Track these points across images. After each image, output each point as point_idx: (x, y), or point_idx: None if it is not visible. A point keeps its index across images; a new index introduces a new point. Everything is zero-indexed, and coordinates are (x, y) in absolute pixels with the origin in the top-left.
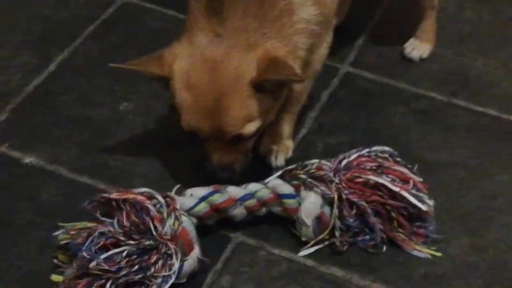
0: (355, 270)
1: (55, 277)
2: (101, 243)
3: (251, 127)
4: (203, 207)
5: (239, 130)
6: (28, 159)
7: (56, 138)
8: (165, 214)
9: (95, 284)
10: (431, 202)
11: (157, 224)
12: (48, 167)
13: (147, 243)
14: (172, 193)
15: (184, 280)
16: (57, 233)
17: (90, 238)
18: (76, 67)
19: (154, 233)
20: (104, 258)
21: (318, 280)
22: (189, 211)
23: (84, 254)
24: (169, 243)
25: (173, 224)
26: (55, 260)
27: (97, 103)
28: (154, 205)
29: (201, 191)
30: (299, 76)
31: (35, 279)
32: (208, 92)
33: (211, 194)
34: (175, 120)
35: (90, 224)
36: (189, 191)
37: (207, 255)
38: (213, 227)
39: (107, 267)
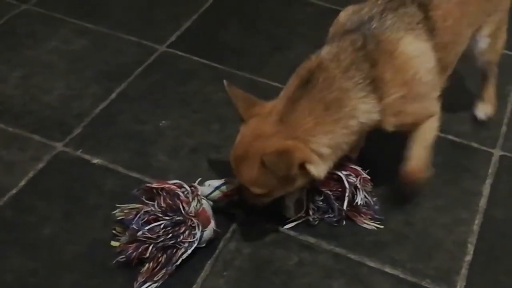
0: (323, 238)
1: (114, 243)
2: (146, 218)
3: (255, 190)
4: (216, 194)
5: (248, 186)
6: (95, 160)
7: (115, 145)
8: (190, 198)
9: (141, 247)
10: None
11: (185, 205)
12: (109, 165)
13: (177, 218)
14: (196, 184)
15: (204, 245)
16: (115, 211)
17: (138, 215)
18: (129, 96)
19: (182, 211)
20: (148, 229)
21: (297, 245)
22: (207, 196)
23: (134, 226)
24: (193, 219)
25: (196, 205)
26: (113, 231)
27: (144, 121)
28: (183, 192)
29: (215, 183)
30: (291, 176)
31: (100, 244)
32: (237, 153)
33: (222, 184)
34: None
35: (138, 205)
36: (207, 182)
37: (219, 227)
38: (224, 207)
39: (149, 235)
